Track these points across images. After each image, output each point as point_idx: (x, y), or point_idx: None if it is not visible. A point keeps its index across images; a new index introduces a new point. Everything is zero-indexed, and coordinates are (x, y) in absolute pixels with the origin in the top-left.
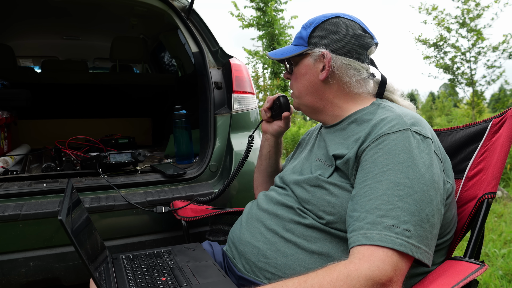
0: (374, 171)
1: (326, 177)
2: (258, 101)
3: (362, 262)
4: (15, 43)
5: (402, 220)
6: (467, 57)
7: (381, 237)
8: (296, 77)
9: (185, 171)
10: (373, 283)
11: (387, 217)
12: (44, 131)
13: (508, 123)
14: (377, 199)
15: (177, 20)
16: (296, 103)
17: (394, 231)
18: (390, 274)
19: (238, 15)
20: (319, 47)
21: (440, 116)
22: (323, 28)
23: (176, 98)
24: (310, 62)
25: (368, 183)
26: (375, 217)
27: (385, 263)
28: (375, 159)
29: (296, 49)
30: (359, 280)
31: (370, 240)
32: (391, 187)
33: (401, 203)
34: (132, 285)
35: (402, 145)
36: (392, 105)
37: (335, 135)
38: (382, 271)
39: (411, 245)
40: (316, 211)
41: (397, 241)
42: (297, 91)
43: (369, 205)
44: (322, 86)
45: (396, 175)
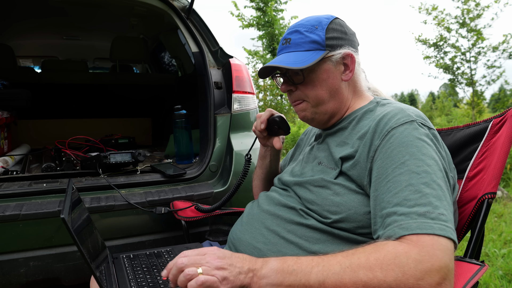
0: (392, 165)
1: (331, 178)
2: (258, 101)
3: (411, 247)
4: (15, 43)
5: (434, 206)
6: (467, 57)
7: (419, 224)
8: (313, 84)
9: (185, 171)
10: (426, 269)
11: (419, 205)
12: (44, 131)
13: (508, 123)
14: (403, 191)
15: (177, 20)
16: (312, 113)
17: (430, 217)
18: (443, 259)
19: (238, 15)
20: (339, 48)
21: (440, 116)
22: (333, 29)
23: (176, 98)
24: (331, 65)
25: (390, 178)
26: (406, 208)
27: (434, 248)
28: (389, 154)
29: (315, 54)
30: (408, 263)
31: (408, 229)
32: (414, 176)
33: (428, 189)
34: (133, 285)
35: (412, 135)
36: (390, 101)
37: (337, 135)
38: (433, 256)
39: (449, 229)
40: (320, 211)
41: (435, 226)
42: (316, 99)
43: (397, 199)
44: (342, 88)
45: (416, 164)
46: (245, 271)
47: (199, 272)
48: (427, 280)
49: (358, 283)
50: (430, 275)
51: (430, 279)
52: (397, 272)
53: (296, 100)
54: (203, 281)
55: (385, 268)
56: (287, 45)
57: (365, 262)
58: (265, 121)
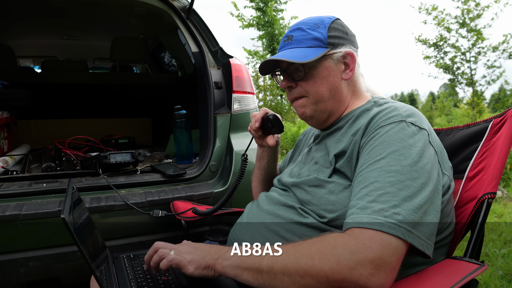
0: (368, 161)
1: (325, 177)
2: (258, 101)
3: (350, 239)
4: (15, 43)
5: (392, 205)
6: (467, 57)
7: (370, 219)
8: (314, 81)
9: (185, 171)
10: (359, 260)
11: (377, 202)
12: (44, 131)
13: (508, 123)
14: (368, 186)
15: (177, 20)
16: (311, 110)
17: (383, 214)
18: (378, 252)
19: (238, 15)
20: (340, 47)
21: (440, 116)
22: (334, 28)
23: (176, 98)
24: (332, 63)
25: (363, 173)
26: (365, 202)
27: (372, 241)
28: (370, 151)
29: (317, 51)
30: (343, 253)
31: (359, 223)
32: (383, 174)
33: (391, 188)
34: (133, 284)
35: (396, 135)
36: (388, 100)
37: (334, 135)
38: (369, 248)
39: (402, 228)
40: (317, 210)
41: (385, 223)
42: (316, 96)
43: (361, 193)
44: (342, 87)
45: (388, 163)
46: (211, 254)
47: (171, 253)
48: (359, 270)
49: (299, 270)
50: (363, 266)
51: (363, 270)
52: (333, 261)
53: (296, 96)
54: (173, 258)
55: (323, 258)
56: (289, 42)
57: (307, 251)
58: (259, 120)
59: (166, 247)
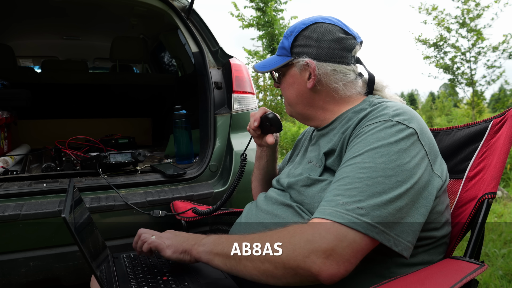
0: (347, 157)
1: (316, 175)
2: (258, 101)
3: (308, 228)
4: (15, 43)
5: (356, 199)
6: (467, 57)
7: (331, 212)
8: (284, 86)
9: (185, 171)
10: (313, 248)
11: (342, 195)
12: (44, 131)
13: (508, 123)
14: (339, 181)
15: (177, 20)
16: (289, 111)
17: (346, 208)
18: (332, 243)
19: (238, 15)
20: (302, 56)
21: (440, 116)
22: (304, 36)
23: (176, 98)
24: (296, 71)
25: (340, 168)
26: (332, 195)
27: (328, 232)
28: (351, 148)
29: (281, 60)
30: (300, 242)
31: (321, 214)
32: (355, 170)
33: (360, 184)
34: (133, 284)
35: (378, 134)
36: (382, 100)
37: (327, 135)
38: (323, 239)
39: (363, 223)
40: (311, 209)
41: (346, 216)
42: (287, 99)
43: (332, 187)
44: (311, 94)
45: (363, 160)
46: (189, 240)
47: (152, 237)
48: (312, 259)
49: (261, 257)
50: (316, 255)
51: (315, 258)
52: (289, 249)
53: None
54: (152, 241)
55: (281, 245)
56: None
57: (270, 239)
58: (258, 119)
59: (148, 232)
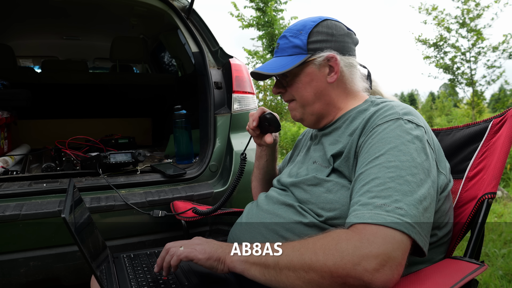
0: (367, 159)
1: (323, 176)
2: (258, 101)
3: (354, 234)
4: (15, 43)
5: (393, 199)
6: (467, 57)
7: (372, 215)
8: (299, 87)
9: (185, 171)
10: (363, 255)
11: (378, 197)
12: (44, 131)
13: (508, 123)
14: (369, 183)
15: (177, 20)
16: (300, 113)
17: (385, 209)
18: (382, 247)
19: (238, 15)
20: (322, 51)
21: (440, 116)
22: (318, 32)
23: (176, 98)
24: (314, 68)
25: (362, 170)
26: (366, 198)
27: (376, 236)
28: (368, 149)
29: (295, 59)
30: (347, 249)
31: (361, 218)
32: (383, 170)
33: (392, 183)
34: (134, 284)
35: (393, 132)
36: (384, 100)
37: (332, 135)
38: (373, 243)
39: (405, 223)
40: (316, 209)
41: (388, 218)
42: (302, 100)
43: (362, 190)
44: (329, 90)
45: (388, 159)
46: (223, 248)
47: (180, 249)
48: (363, 265)
49: (304, 265)
50: (367, 261)
51: (367, 265)
52: (337, 256)
53: (287, 100)
54: (181, 252)
55: (327, 253)
56: (276, 50)
57: (312, 246)
58: (256, 119)
59: (176, 245)
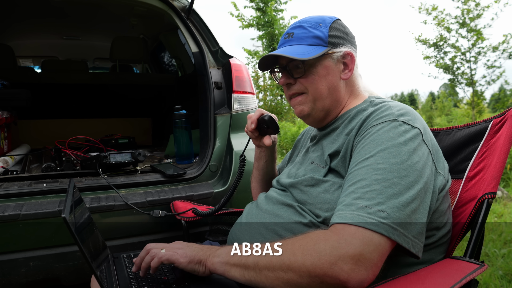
0: (357, 160)
1: (320, 176)
2: (258, 101)
3: (332, 234)
4: (15, 43)
5: (376, 202)
6: (467, 57)
7: (353, 216)
8: (314, 79)
9: (185, 171)
10: (340, 255)
11: (362, 198)
12: (44, 131)
13: (508, 123)
14: (355, 184)
15: (177, 20)
16: (309, 108)
17: (367, 211)
18: (359, 248)
19: (238, 15)
20: (340, 46)
21: (440, 116)
22: (335, 28)
23: (176, 98)
24: (331, 62)
25: (352, 171)
26: (350, 199)
27: (354, 237)
28: (360, 150)
29: (317, 49)
30: (325, 249)
31: (342, 219)
32: (370, 171)
33: (377, 186)
34: (134, 284)
35: (386, 134)
36: (383, 100)
37: (330, 135)
38: (350, 244)
39: (385, 225)
40: (314, 210)
41: (369, 220)
42: (315, 93)
43: (348, 190)
44: (340, 86)
45: (376, 161)
46: (203, 251)
47: (162, 251)
48: (340, 265)
49: (282, 265)
50: (343, 261)
51: (343, 265)
52: (314, 256)
53: (295, 93)
54: (163, 255)
55: (305, 253)
56: (289, 39)
57: (291, 247)
58: (255, 121)
59: (157, 247)
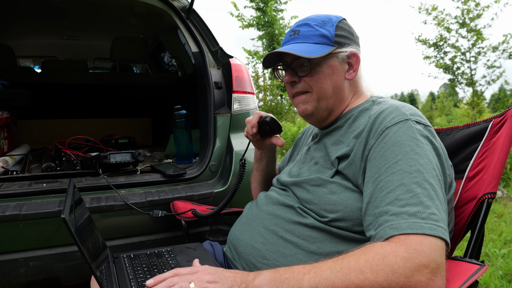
0: (385, 165)
1: (327, 177)
2: (258, 101)
3: (399, 246)
4: (15, 43)
5: (425, 205)
6: (467, 57)
7: (409, 224)
8: (319, 78)
9: (185, 171)
10: (414, 266)
11: (410, 205)
12: (44, 131)
13: (508, 123)
14: (395, 190)
15: (177, 20)
16: (313, 107)
17: (421, 217)
18: (430, 256)
19: (238, 15)
20: (346, 46)
21: (440, 116)
22: (341, 28)
23: (176, 98)
24: (337, 62)
25: (383, 177)
26: (397, 207)
27: (422, 245)
28: (382, 154)
29: (323, 48)
30: (396, 262)
31: (399, 230)
32: (406, 176)
33: (419, 189)
34: (133, 284)
35: (406, 134)
36: (386, 99)
37: (333, 134)
38: (421, 253)
39: (440, 228)
40: (318, 210)
41: (426, 226)
42: (320, 92)
43: (389, 198)
44: (344, 86)
45: (408, 164)
46: (238, 283)
47: (191, 286)
48: (417, 277)
49: (350, 286)
50: (420, 272)
51: (420, 276)
52: (387, 271)
53: (299, 91)
54: None
55: (375, 269)
56: (295, 37)
57: (355, 265)
58: (255, 125)
59: (186, 279)
